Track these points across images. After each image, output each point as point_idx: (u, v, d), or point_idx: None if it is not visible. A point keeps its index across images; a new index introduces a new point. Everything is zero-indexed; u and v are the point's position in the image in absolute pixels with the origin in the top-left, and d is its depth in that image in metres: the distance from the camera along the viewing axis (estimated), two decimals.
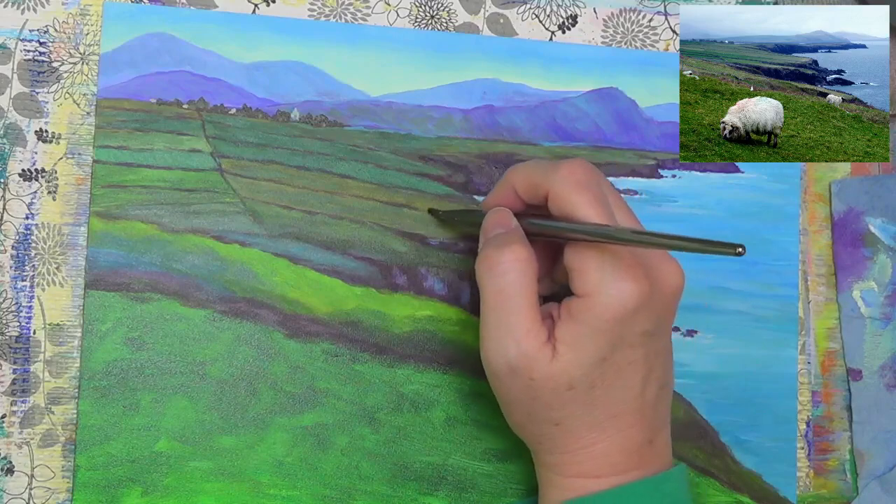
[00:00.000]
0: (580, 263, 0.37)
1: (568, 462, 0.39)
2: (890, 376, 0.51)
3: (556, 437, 0.39)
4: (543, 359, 0.37)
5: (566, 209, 0.37)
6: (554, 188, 0.38)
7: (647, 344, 0.38)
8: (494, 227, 0.40)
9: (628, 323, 0.37)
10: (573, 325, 0.37)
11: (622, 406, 0.38)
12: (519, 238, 0.38)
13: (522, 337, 0.37)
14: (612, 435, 0.38)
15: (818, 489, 0.50)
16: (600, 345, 0.37)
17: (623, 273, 0.36)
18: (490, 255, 0.38)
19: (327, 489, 0.44)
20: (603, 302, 0.36)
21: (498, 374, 0.38)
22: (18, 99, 0.43)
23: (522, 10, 0.48)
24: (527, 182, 0.40)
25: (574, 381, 0.37)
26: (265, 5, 0.45)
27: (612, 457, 0.38)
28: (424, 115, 0.47)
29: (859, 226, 0.52)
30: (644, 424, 0.39)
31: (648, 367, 0.38)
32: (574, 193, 0.37)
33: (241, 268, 0.44)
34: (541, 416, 0.38)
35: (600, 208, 0.37)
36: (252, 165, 0.45)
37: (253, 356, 0.44)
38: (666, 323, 0.39)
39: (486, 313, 0.38)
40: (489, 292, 0.38)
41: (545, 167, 0.39)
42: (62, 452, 0.42)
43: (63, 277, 0.43)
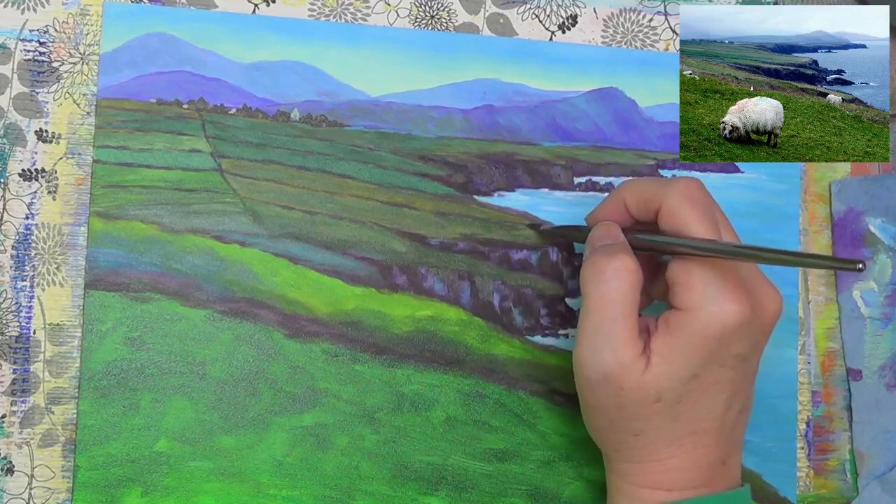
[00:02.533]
0: (685, 278, 0.37)
1: (641, 472, 0.39)
2: (890, 376, 0.51)
3: (633, 447, 0.39)
4: (637, 369, 0.37)
5: (677, 224, 0.38)
6: (667, 203, 0.38)
7: (737, 366, 0.38)
8: (602, 239, 0.40)
9: (724, 343, 0.37)
10: (670, 338, 0.37)
11: (703, 424, 0.38)
12: (627, 249, 0.39)
13: (620, 345, 0.37)
14: (689, 451, 0.39)
15: (818, 489, 0.50)
16: (693, 360, 0.37)
17: (727, 293, 0.37)
18: (597, 262, 0.38)
19: (327, 489, 0.44)
20: (703, 318, 0.37)
21: (590, 379, 0.38)
22: (18, 99, 0.43)
23: (522, 10, 0.48)
24: (639, 197, 0.40)
25: (662, 393, 0.37)
26: (265, 5, 0.45)
27: (685, 472, 0.39)
28: (424, 115, 0.47)
29: (859, 226, 0.52)
30: (720, 444, 0.39)
31: (734, 390, 0.39)
32: (687, 209, 0.38)
33: (241, 268, 0.44)
34: (623, 426, 0.39)
35: (710, 225, 0.38)
36: (252, 165, 0.45)
37: (253, 356, 0.44)
38: (759, 348, 0.39)
39: (586, 318, 0.39)
40: (593, 298, 0.38)
41: (660, 183, 0.40)
42: (62, 452, 0.42)
43: (63, 277, 0.43)
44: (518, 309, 0.47)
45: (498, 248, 0.47)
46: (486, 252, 0.47)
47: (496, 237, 0.47)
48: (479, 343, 0.46)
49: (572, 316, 0.47)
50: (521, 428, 0.46)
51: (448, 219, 0.47)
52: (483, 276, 0.46)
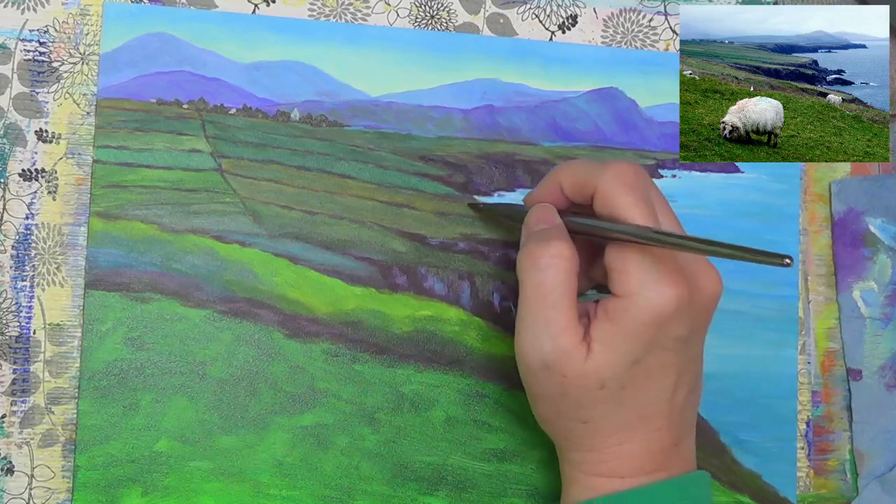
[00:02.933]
0: (621, 264, 0.37)
1: (593, 460, 0.39)
2: (890, 376, 0.51)
3: (583, 435, 0.39)
4: (577, 357, 0.37)
5: (612, 209, 0.37)
6: (601, 187, 0.38)
7: (680, 349, 0.38)
8: (538, 223, 0.40)
9: (664, 327, 0.37)
10: (609, 325, 0.37)
11: (651, 408, 0.38)
12: (562, 234, 0.39)
13: (559, 333, 0.37)
14: (639, 436, 0.39)
15: (818, 489, 0.50)
16: (634, 346, 0.37)
17: (664, 277, 0.36)
18: (533, 250, 0.38)
19: (327, 489, 0.44)
20: (641, 304, 0.36)
21: (531, 368, 0.38)
22: (18, 99, 0.43)
23: (522, 10, 0.48)
24: (574, 180, 0.40)
25: (606, 380, 0.37)
26: (265, 5, 0.45)
27: (637, 458, 0.39)
28: (424, 115, 0.47)
29: (859, 226, 0.52)
30: (671, 428, 0.39)
31: (679, 372, 0.38)
32: (621, 194, 0.37)
33: (241, 268, 0.44)
34: (570, 414, 0.39)
35: (646, 210, 0.37)
36: (252, 165, 0.45)
37: (253, 356, 0.44)
38: (701, 329, 0.39)
39: (524, 307, 0.38)
40: (529, 286, 0.38)
41: (594, 166, 0.39)
42: (62, 452, 0.42)
43: (63, 277, 0.43)
44: None
45: (498, 248, 0.47)
46: (486, 252, 0.47)
47: (496, 237, 0.47)
48: (479, 343, 0.46)
49: None
50: (521, 428, 0.46)
51: (448, 219, 0.47)
52: (483, 276, 0.46)
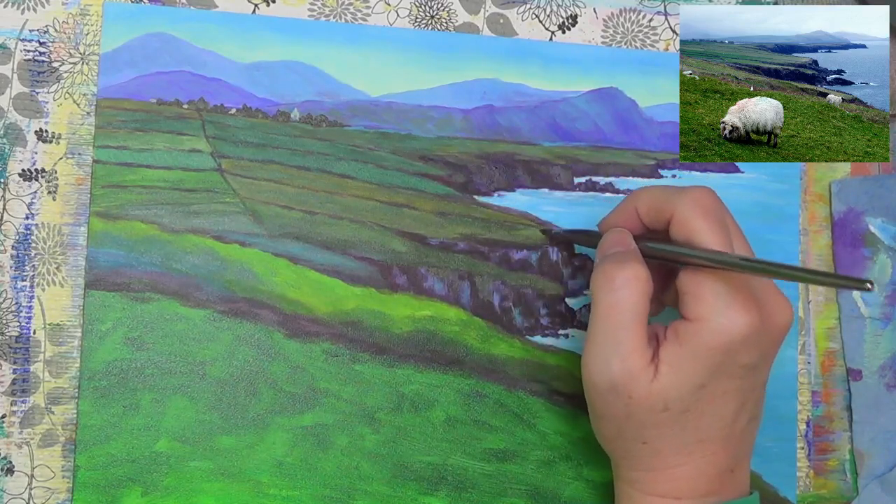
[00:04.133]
0: (695, 288, 0.37)
1: (649, 480, 0.39)
2: (890, 376, 0.51)
3: (641, 456, 0.39)
4: (645, 378, 0.37)
5: (689, 234, 0.38)
6: (679, 212, 0.38)
7: (746, 376, 0.38)
8: (613, 246, 0.40)
9: (733, 353, 0.37)
10: (678, 347, 0.37)
11: (711, 433, 0.38)
12: (637, 258, 0.39)
13: (629, 354, 0.37)
14: (697, 460, 0.39)
15: (818, 489, 0.50)
16: (701, 371, 0.37)
17: (737, 303, 0.37)
18: (608, 270, 0.38)
19: (327, 489, 0.44)
20: (712, 329, 0.37)
21: (598, 387, 0.38)
22: (18, 99, 0.43)
23: (522, 10, 0.48)
24: (651, 205, 0.40)
25: (669, 403, 0.37)
26: (265, 5, 0.45)
27: (693, 481, 0.39)
28: (424, 115, 0.47)
29: (859, 226, 0.52)
30: (729, 453, 0.39)
31: (743, 399, 0.39)
32: (698, 219, 0.38)
33: (241, 268, 0.44)
34: (631, 434, 0.39)
35: (722, 235, 0.37)
36: (252, 165, 0.45)
37: (253, 356, 0.44)
38: (768, 358, 0.40)
39: (596, 326, 0.38)
40: (602, 306, 0.38)
41: (672, 192, 0.40)
42: (62, 452, 0.42)
43: (63, 277, 0.43)
44: (518, 309, 0.47)
45: (498, 248, 0.47)
46: (486, 252, 0.47)
47: (496, 237, 0.47)
48: (479, 343, 0.46)
49: (572, 316, 0.47)
50: (521, 428, 0.46)
51: (448, 219, 0.47)
52: (483, 276, 0.46)
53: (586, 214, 0.48)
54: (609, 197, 0.48)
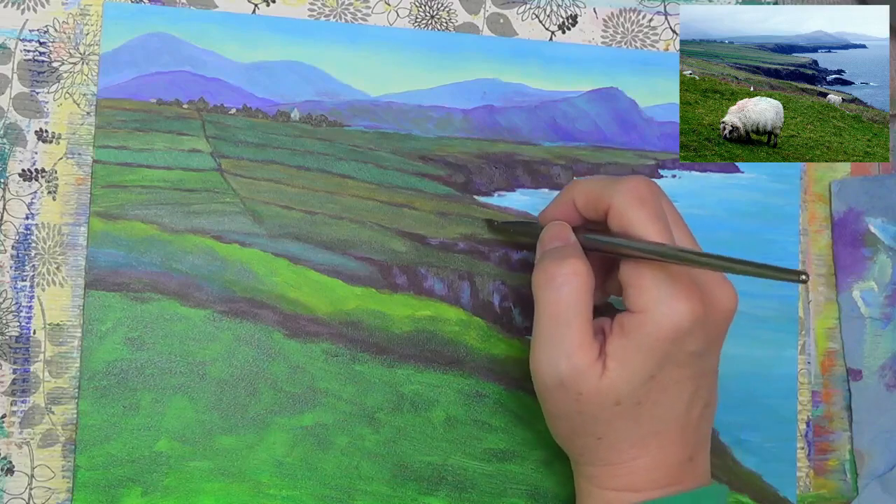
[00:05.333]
0: (636, 280, 0.37)
1: (608, 475, 0.39)
2: (890, 376, 0.51)
3: (598, 451, 0.39)
4: (593, 374, 0.37)
5: (626, 225, 0.38)
6: (615, 203, 0.38)
7: (695, 364, 0.38)
8: (553, 241, 0.40)
9: (679, 343, 0.37)
10: (624, 340, 0.37)
11: (666, 424, 0.38)
12: (577, 252, 0.39)
13: (574, 351, 0.37)
14: (654, 451, 0.39)
15: (818, 489, 0.50)
16: (650, 362, 0.37)
17: (678, 292, 0.36)
18: (548, 268, 0.38)
19: (327, 489, 0.44)
20: (656, 320, 0.36)
21: (547, 386, 0.38)
22: (18, 99, 0.43)
23: (522, 10, 0.48)
24: (588, 196, 0.40)
25: (621, 397, 0.37)
26: (265, 5, 0.45)
27: (652, 472, 0.39)
28: (424, 115, 0.47)
29: (859, 226, 0.52)
30: (686, 442, 0.39)
31: (695, 387, 0.39)
32: (634, 209, 0.37)
33: (241, 268, 0.44)
34: (585, 430, 0.39)
35: (659, 225, 0.37)
36: (252, 165, 0.45)
37: (253, 356, 0.44)
38: (715, 344, 0.39)
39: (540, 325, 0.38)
40: (544, 304, 0.38)
41: (608, 183, 0.39)
42: (62, 452, 0.42)
43: (63, 277, 0.43)
44: (518, 309, 0.47)
45: (498, 248, 0.47)
46: (486, 252, 0.47)
47: (496, 237, 0.47)
48: (479, 343, 0.46)
49: None
50: (521, 428, 0.46)
51: (448, 219, 0.47)
52: (483, 276, 0.46)
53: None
54: None
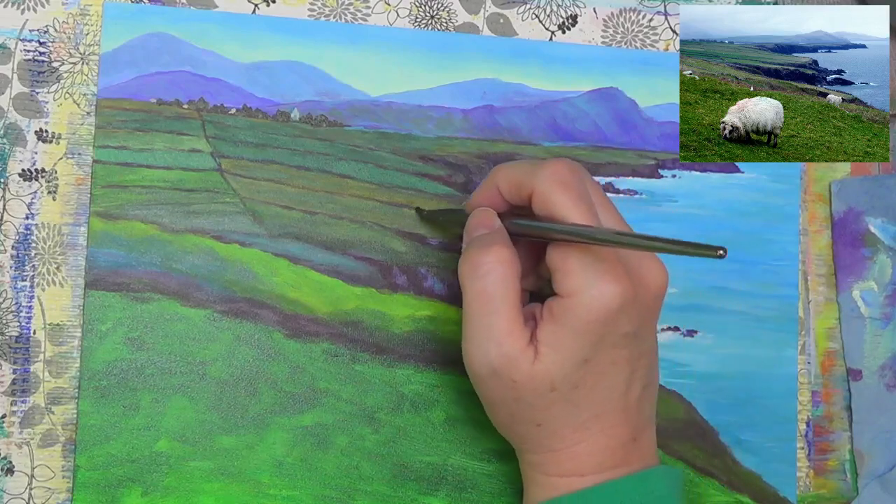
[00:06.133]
0: (562, 264, 0.37)
1: (551, 461, 0.39)
2: (890, 376, 0.51)
3: (539, 437, 0.39)
4: (525, 360, 0.37)
5: (549, 209, 0.37)
6: (537, 188, 0.38)
7: (630, 345, 0.38)
8: (478, 228, 0.40)
9: (611, 324, 0.36)
10: (555, 326, 0.37)
11: (606, 406, 0.38)
12: (502, 239, 0.38)
13: (504, 339, 0.37)
14: (596, 434, 0.38)
15: (818, 489, 0.50)
16: (583, 346, 0.36)
17: (606, 274, 0.36)
18: (473, 256, 0.38)
19: (327, 489, 0.44)
20: (585, 303, 0.36)
21: (480, 375, 0.38)
22: (18, 99, 0.43)
23: (522, 10, 0.48)
24: (511, 182, 0.39)
25: (556, 382, 0.37)
26: (265, 5, 0.45)
27: (595, 455, 0.38)
28: (424, 115, 0.47)
29: (859, 226, 0.52)
30: (628, 423, 0.39)
31: (632, 368, 0.38)
32: (557, 193, 0.37)
33: (241, 268, 0.44)
34: (524, 417, 0.38)
35: (583, 208, 0.37)
36: (252, 165, 0.45)
37: (253, 356, 0.44)
38: (649, 323, 0.39)
39: (468, 315, 0.38)
40: (471, 293, 0.38)
41: (529, 167, 0.39)
42: (62, 452, 0.42)
43: (63, 277, 0.43)
44: None
45: None
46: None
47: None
48: None
49: None
50: None
51: None
52: None
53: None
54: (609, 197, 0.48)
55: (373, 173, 0.46)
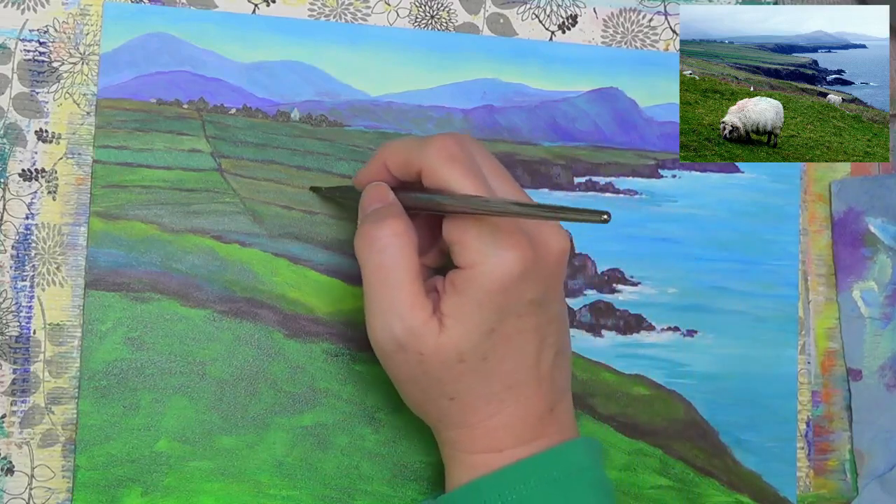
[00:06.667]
0: (459, 236, 0.36)
1: (468, 437, 0.39)
2: (890, 376, 0.51)
3: (453, 412, 0.38)
4: (430, 333, 0.36)
5: (440, 184, 0.37)
6: (425, 163, 0.37)
7: (536, 312, 0.37)
8: (372, 203, 0.39)
9: (513, 292, 0.36)
10: (458, 297, 0.36)
11: (518, 376, 0.38)
12: (396, 212, 0.38)
13: (406, 312, 0.36)
14: (511, 406, 0.38)
15: (818, 489, 0.50)
16: (487, 316, 0.36)
17: (503, 242, 0.35)
18: (367, 231, 0.37)
19: (327, 489, 0.44)
20: (485, 273, 0.35)
21: (386, 352, 0.38)
22: (18, 99, 0.43)
23: (522, 10, 0.48)
24: (398, 159, 0.39)
25: (464, 353, 0.36)
26: (265, 5, 0.45)
27: (512, 428, 0.38)
28: (424, 115, 0.47)
29: (859, 226, 0.52)
30: (543, 394, 0.38)
31: (541, 336, 0.38)
32: (446, 167, 0.36)
33: (241, 268, 0.44)
34: (435, 392, 0.38)
35: (474, 180, 0.36)
36: (252, 165, 0.45)
37: (253, 356, 0.44)
38: (554, 289, 0.38)
39: (368, 291, 0.38)
40: (369, 269, 0.37)
41: (416, 144, 0.38)
42: (62, 452, 0.42)
43: (63, 277, 0.43)
44: None
45: None
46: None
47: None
48: None
49: (572, 316, 0.47)
50: None
51: None
52: None
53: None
54: (609, 197, 0.48)
55: None
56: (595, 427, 0.47)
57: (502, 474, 0.37)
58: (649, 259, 0.48)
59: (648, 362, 0.48)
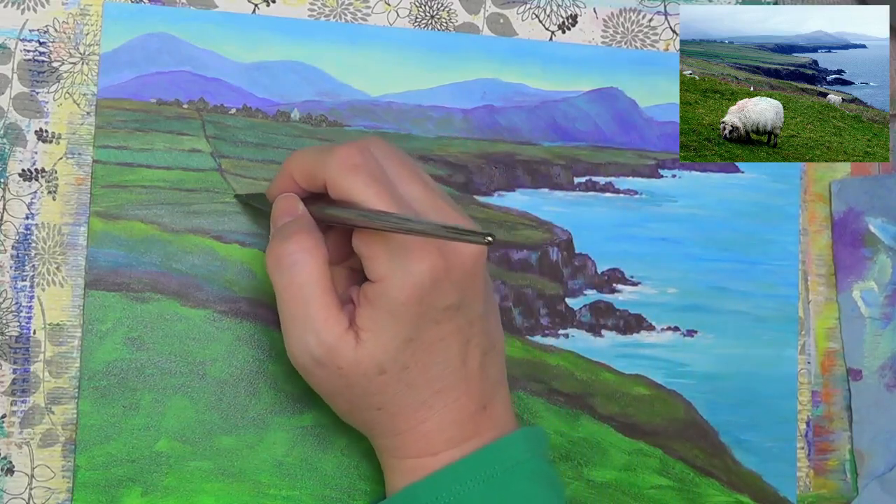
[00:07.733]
0: (368, 250, 0.36)
1: (401, 444, 0.38)
2: (890, 376, 0.51)
3: (383, 421, 0.38)
4: (347, 346, 0.36)
5: (344, 195, 0.36)
6: (328, 175, 0.36)
7: (455, 317, 0.37)
8: (282, 216, 0.39)
9: (427, 301, 0.36)
10: (371, 310, 0.36)
11: (445, 381, 0.37)
12: (304, 226, 0.37)
13: (321, 327, 0.36)
14: (440, 410, 0.38)
15: (818, 489, 0.50)
16: (402, 327, 0.36)
17: (412, 254, 0.35)
18: (275, 248, 0.37)
19: (327, 489, 0.44)
20: (396, 286, 0.35)
21: (306, 368, 0.37)
22: (18, 99, 0.43)
23: (522, 10, 0.48)
24: (304, 169, 0.38)
25: (383, 365, 0.36)
26: (265, 5, 0.45)
27: (444, 432, 0.38)
28: (424, 115, 0.47)
29: (859, 226, 0.52)
30: (473, 394, 0.38)
31: (464, 339, 0.38)
32: (349, 179, 0.36)
33: (241, 268, 0.44)
34: (361, 403, 0.38)
35: (378, 188, 0.35)
36: (252, 165, 0.45)
37: (253, 356, 0.44)
38: (473, 290, 0.38)
39: (282, 309, 0.37)
40: (280, 286, 0.37)
41: (320, 155, 0.37)
42: (62, 452, 0.42)
43: (63, 277, 0.43)
44: (518, 309, 0.47)
45: (498, 248, 0.47)
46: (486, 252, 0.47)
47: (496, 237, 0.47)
48: None
49: (572, 316, 0.47)
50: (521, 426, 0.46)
51: None
52: None
53: (586, 214, 0.48)
54: (609, 197, 0.48)
55: None
56: (595, 427, 0.47)
57: (437, 477, 0.37)
58: (649, 259, 0.48)
59: (648, 362, 0.48)
